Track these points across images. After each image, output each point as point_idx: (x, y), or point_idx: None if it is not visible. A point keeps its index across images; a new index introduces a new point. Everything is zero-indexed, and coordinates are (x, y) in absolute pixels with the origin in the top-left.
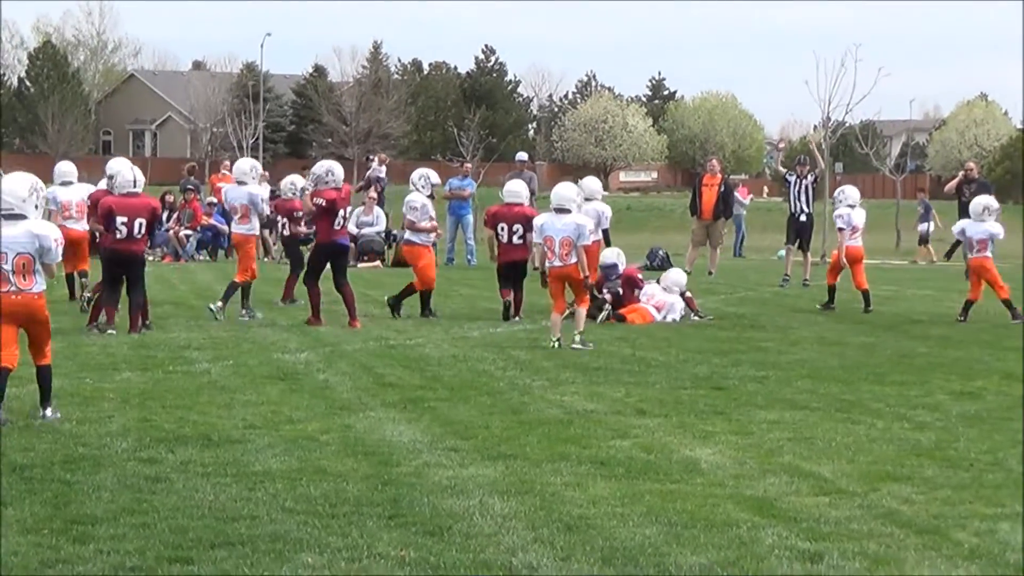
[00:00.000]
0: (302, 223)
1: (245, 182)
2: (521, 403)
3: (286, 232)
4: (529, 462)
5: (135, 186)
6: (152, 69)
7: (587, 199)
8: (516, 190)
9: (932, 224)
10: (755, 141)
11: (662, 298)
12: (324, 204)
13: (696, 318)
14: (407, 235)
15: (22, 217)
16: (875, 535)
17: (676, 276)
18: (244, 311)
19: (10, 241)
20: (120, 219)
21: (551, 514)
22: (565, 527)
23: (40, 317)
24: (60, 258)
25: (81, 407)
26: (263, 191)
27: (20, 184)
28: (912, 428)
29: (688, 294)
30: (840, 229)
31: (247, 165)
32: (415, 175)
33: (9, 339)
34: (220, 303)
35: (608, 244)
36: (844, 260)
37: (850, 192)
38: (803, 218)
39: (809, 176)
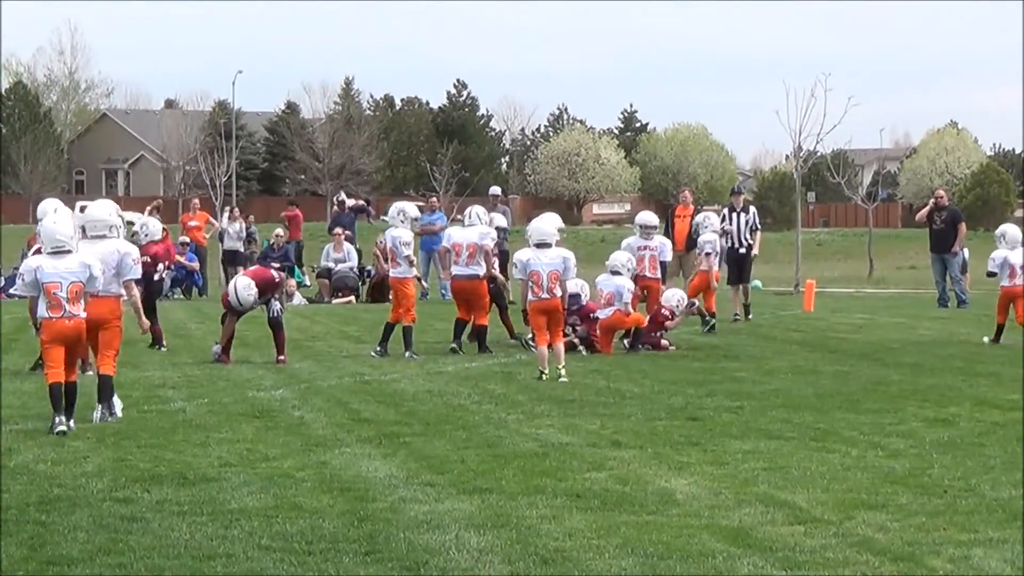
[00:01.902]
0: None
1: (394, 225)
2: (496, 437)
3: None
4: (505, 495)
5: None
6: (124, 108)
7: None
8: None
9: (966, 252)
10: (727, 171)
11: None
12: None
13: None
14: (400, 269)
15: (69, 252)
16: (850, 563)
17: (620, 257)
18: (380, 348)
19: (65, 271)
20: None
21: (527, 547)
22: (541, 560)
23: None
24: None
25: (56, 447)
26: (406, 234)
27: (66, 224)
28: (886, 456)
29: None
30: (991, 273)
31: (395, 209)
32: (392, 210)
33: (59, 358)
34: (379, 347)
35: None
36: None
37: (1012, 233)
38: (742, 250)
39: (750, 209)
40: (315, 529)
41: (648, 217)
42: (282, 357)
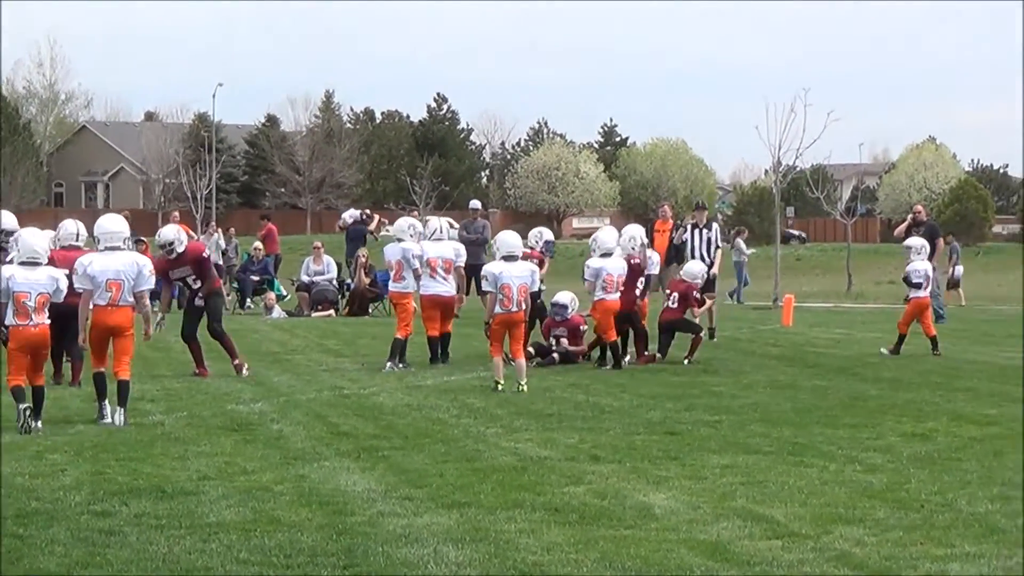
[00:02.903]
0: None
1: (403, 239)
2: (475, 451)
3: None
4: (483, 510)
5: (77, 240)
6: (104, 120)
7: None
8: (624, 244)
9: (960, 267)
10: (707, 186)
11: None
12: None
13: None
14: (403, 284)
15: (40, 264)
16: None
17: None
18: (391, 364)
19: (35, 282)
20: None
21: (505, 561)
22: (519, 574)
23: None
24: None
25: (34, 461)
26: (417, 248)
27: (42, 238)
28: (864, 470)
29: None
30: (916, 284)
31: (405, 223)
32: (403, 224)
33: (23, 364)
34: (390, 363)
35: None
36: None
37: (919, 245)
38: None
39: (712, 225)
40: (293, 543)
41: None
42: (237, 361)
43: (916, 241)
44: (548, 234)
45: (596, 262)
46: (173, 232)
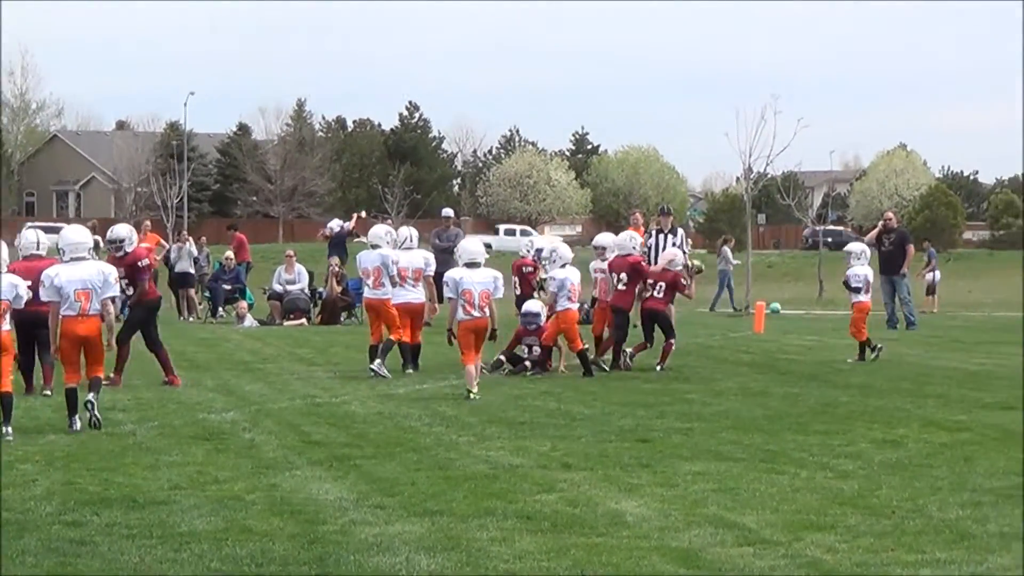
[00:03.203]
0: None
1: (379, 246)
2: (447, 459)
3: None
4: (455, 518)
5: (38, 248)
6: (75, 129)
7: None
8: (623, 243)
9: (938, 273)
10: (678, 194)
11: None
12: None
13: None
14: (383, 290)
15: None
16: None
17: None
18: (380, 362)
19: None
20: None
21: (477, 569)
22: None
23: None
24: (117, 292)
25: (5, 470)
26: (395, 255)
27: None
28: (835, 477)
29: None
30: (855, 288)
31: (382, 230)
32: (380, 231)
33: None
34: (379, 360)
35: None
36: None
37: (859, 249)
38: None
39: (677, 231)
40: (265, 552)
41: (601, 239)
42: (168, 378)
43: (856, 246)
44: (539, 242)
45: (560, 273)
46: (126, 231)
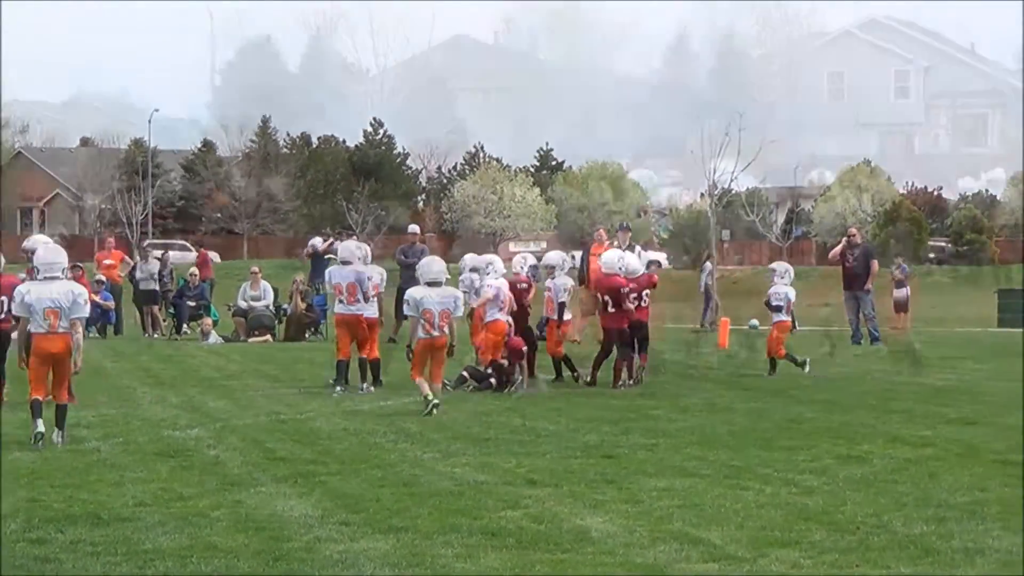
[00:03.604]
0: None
1: (351, 262)
2: (412, 475)
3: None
4: (420, 534)
5: None
6: (39, 146)
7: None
8: (610, 261)
9: (907, 289)
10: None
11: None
12: None
13: None
14: (359, 306)
15: None
16: None
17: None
18: (366, 385)
19: None
20: None
21: None
22: None
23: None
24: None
25: None
26: (370, 270)
27: None
28: (800, 493)
29: None
30: (777, 307)
31: (354, 245)
32: (352, 247)
33: None
34: (365, 383)
35: None
36: None
37: (783, 268)
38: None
39: (636, 248)
40: (230, 569)
41: (551, 257)
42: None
43: (780, 265)
44: (532, 259)
45: (496, 282)
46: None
